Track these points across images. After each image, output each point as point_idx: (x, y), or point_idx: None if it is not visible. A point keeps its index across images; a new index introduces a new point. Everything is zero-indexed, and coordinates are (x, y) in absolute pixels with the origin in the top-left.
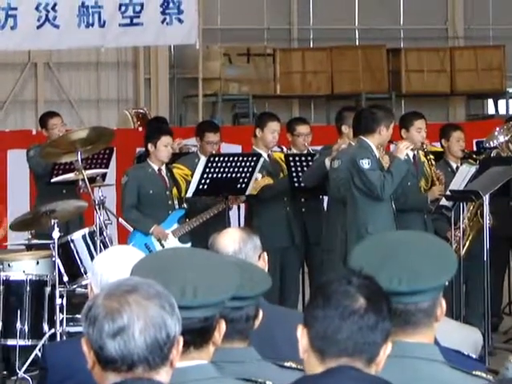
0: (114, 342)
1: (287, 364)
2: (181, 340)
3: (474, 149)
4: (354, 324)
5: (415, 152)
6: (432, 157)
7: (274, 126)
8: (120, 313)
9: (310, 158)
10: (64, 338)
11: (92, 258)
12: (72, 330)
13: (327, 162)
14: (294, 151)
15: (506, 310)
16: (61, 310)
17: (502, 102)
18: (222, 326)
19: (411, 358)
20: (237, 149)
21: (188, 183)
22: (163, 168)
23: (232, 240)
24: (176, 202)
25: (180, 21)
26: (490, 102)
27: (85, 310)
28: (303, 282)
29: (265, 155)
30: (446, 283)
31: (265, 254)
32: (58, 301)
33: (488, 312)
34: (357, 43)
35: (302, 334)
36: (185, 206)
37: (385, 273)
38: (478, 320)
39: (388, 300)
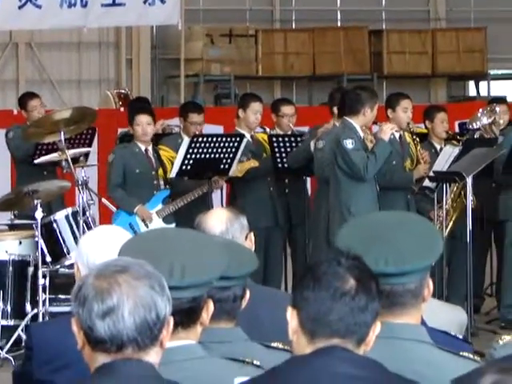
0: (104, 323)
1: (274, 344)
2: (171, 320)
3: (456, 130)
4: (346, 305)
5: (401, 132)
6: (417, 138)
7: (257, 106)
8: (109, 293)
9: (293, 139)
10: (47, 318)
11: (75, 238)
12: (54, 310)
13: (312, 143)
14: (279, 132)
15: (487, 291)
16: (43, 290)
17: (483, 84)
18: (210, 306)
19: (399, 339)
20: (219, 129)
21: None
22: (150, 148)
23: (219, 220)
24: (162, 183)
25: (162, 1)
26: (472, 83)
27: (75, 290)
28: (285, 262)
29: (248, 136)
30: (432, 264)
31: (251, 234)
32: (41, 281)
33: (470, 293)
34: (339, 24)
35: (291, 315)
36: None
37: (371, 254)
38: (460, 301)
39: (376, 280)
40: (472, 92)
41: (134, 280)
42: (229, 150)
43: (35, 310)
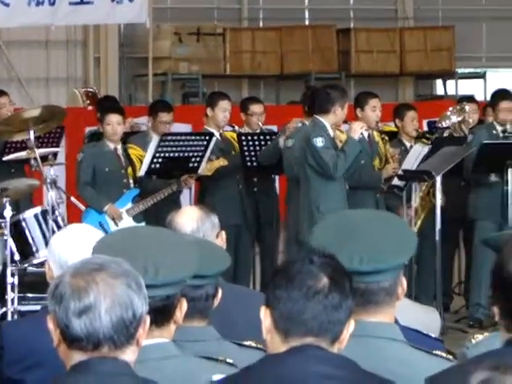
0: (80, 321)
1: (246, 343)
2: (147, 319)
3: (425, 129)
4: (319, 304)
5: (370, 131)
6: (386, 137)
7: (225, 104)
8: (86, 291)
9: (262, 138)
10: (15, 316)
11: (44, 236)
12: (23, 308)
13: (281, 141)
14: (247, 130)
15: (456, 289)
16: (12, 289)
17: (450, 83)
18: (184, 305)
19: (373, 337)
20: (187, 128)
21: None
22: (119, 147)
23: (190, 219)
24: (131, 181)
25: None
26: (439, 82)
27: (51, 288)
28: (254, 261)
29: (217, 134)
30: (406, 262)
31: (223, 232)
32: (10, 279)
33: (439, 292)
34: (307, 23)
35: (265, 314)
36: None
37: (345, 252)
38: (428, 300)
39: (350, 278)
40: (440, 91)
41: (111, 278)
42: (198, 148)
43: (4, 309)
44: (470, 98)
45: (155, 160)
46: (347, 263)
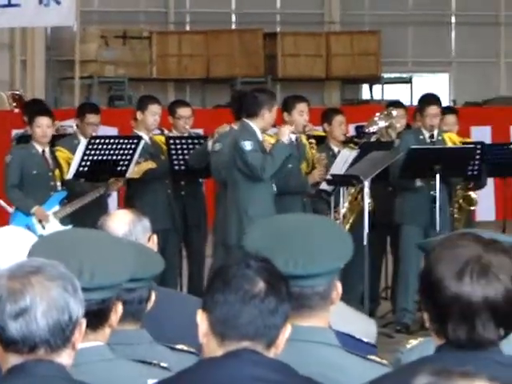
0: (16, 324)
1: (178, 347)
2: (83, 322)
3: (352, 133)
4: (255, 308)
5: (297, 135)
6: (313, 141)
7: (155, 108)
8: (22, 294)
9: (190, 141)
10: None
11: None
12: None
13: (210, 144)
14: (176, 134)
15: (383, 294)
16: None
17: (376, 87)
18: (119, 309)
19: (307, 342)
20: (113, 131)
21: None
22: (47, 150)
23: (122, 222)
24: (58, 184)
25: (57, 2)
26: (365, 87)
27: None
28: (181, 264)
29: (146, 138)
30: (342, 266)
31: (154, 236)
32: None
33: (367, 296)
34: (233, 27)
35: (201, 318)
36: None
37: (281, 256)
38: (356, 304)
39: (286, 282)
40: (366, 95)
41: (47, 281)
42: (126, 151)
43: None
44: (397, 103)
45: (83, 163)
46: (282, 267)
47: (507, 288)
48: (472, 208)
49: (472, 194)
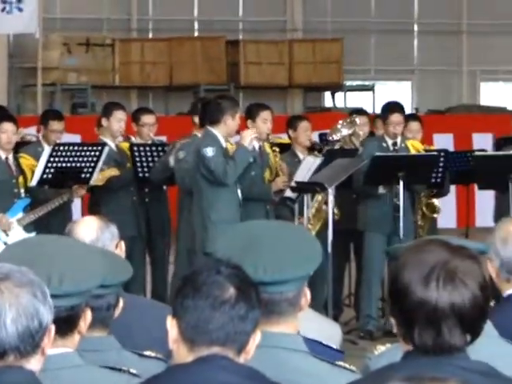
0: None
1: (146, 353)
2: (52, 328)
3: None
4: (225, 314)
5: (260, 143)
6: (277, 148)
7: (120, 114)
8: None
9: (154, 148)
10: None
11: None
12: None
13: (171, 160)
14: (140, 141)
15: (346, 301)
16: None
17: (339, 95)
18: (88, 315)
19: (276, 347)
20: (76, 138)
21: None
22: (10, 156)
23: (90, 228)
24: (22, 191)
25: (20, 9)
26: (328, 94)
27: None
28: (145, 271)
29: (112, 145)
30: (311, 273)
31: (122, 242)
32: None
33: (330, 303)
34: (196, 34)
35: (171, 324)
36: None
37: (250, 262)
38: (319, 311)
39: (256, 288)
40: (328, 103)
41: (16, 287)
42: (90, 158)
43: None
44: (360, 111)
45: (47, 170)
46: (252, 273)
47: (474, 294)
48: (435, 215)
49: (435, 201)
